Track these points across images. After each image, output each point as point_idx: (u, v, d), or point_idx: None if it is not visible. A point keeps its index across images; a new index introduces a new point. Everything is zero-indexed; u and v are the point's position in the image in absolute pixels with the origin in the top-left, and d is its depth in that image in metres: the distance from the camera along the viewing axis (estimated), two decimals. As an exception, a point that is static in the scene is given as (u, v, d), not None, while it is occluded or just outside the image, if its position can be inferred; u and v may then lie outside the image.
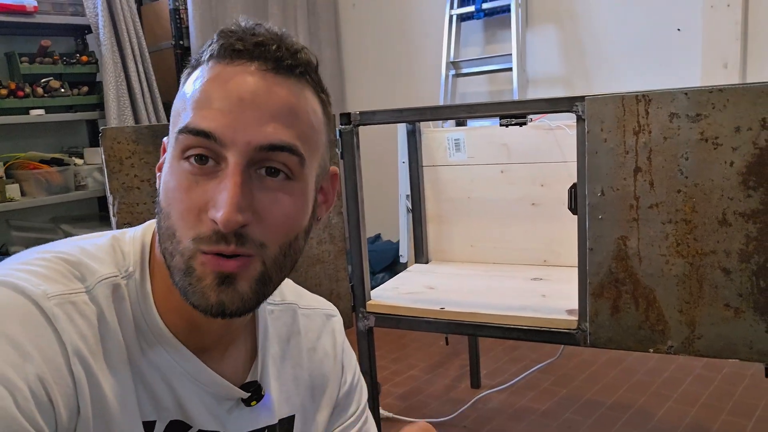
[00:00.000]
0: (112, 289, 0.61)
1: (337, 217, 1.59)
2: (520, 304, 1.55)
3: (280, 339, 0.75)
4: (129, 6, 2.84)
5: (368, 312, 1.63)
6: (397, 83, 3.46)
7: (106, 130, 1.19)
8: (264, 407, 0.71)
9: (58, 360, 0.54)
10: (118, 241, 0.65)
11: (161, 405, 0.63)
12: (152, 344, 0.62)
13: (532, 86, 3.04)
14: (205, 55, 0.60)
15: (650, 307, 1.29)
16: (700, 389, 2.21)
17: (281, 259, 0.60)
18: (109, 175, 1.20)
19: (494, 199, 1.93)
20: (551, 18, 2.96)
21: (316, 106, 0.62)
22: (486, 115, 1.51)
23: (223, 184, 0.56)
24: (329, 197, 0.69)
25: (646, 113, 1.24)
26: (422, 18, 3.33)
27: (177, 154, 0.58)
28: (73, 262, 0.60)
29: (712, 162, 1.20)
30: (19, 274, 0.57)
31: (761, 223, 1.18)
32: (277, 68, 0.59)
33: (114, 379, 0.59)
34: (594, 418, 2.07)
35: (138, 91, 2.85)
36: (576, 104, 1.30)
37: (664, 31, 2.67)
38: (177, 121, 0.59)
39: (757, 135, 1.16)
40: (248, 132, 0.56)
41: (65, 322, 0.56)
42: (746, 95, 1.16)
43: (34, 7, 2.67)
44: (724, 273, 1.22)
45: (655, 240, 1.27)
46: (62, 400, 0.54)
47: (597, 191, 1.30)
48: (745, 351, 1.23)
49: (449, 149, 1.96)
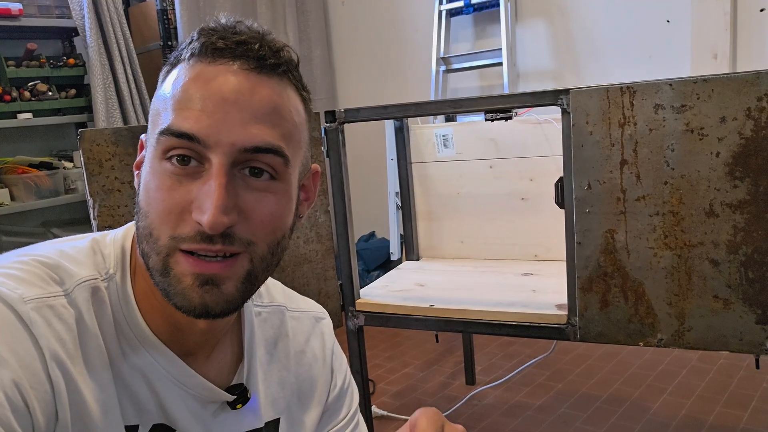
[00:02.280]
0: (91, 292, 0.60)
1: (324, 215, 1.57)
2: (510, 299, 1.54)
3: (267, 342, 0.74)
4: (116, 7, 2.82)
5: (357, 311, 1.62)
6: (387, 80, 3.45)
7: (85, 132, 1.17)
8: (250, 410, 0.70)
9: (35, 365, 0.53)
10: (98, 243, 0.64)
11: (143, 408, 0.62)
12: (135, 347, 0.61)
13: (523, 81, 3.03)
14: (185, 54, 0.59)
15: (639, 300, 1.28)
16: (695, 381, 2.20)
17: (268, 258, 0.60)
18: (89, 178, 1.19)
19: (483, 195, 1.92)
20: (540, 12, 2.95)
21: (298, 105, 0.62)
22: (471, 110, 1.49)
23: (207, 185, 0.55)
24: (311, 195, 0.69)
25: (631, 105, 1.23)
26: (411, 14, 3.32)
27: (158, 154, 0.57)
28: (51, 265, 0.59)
29: (698, 153, 1.19)
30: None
31: (748, 214, 1.17)
32: (260, 67, 0.58)
33: (94, 384, 0.58)
34: (589, 412, 2.06)
35: (126, 92, 2.83)
36: (561, 97, 1.29)
37: (654, 23, 2.66)
38: (157, 121, 0.58)
39: (742, 125, 1.15)
40: (232, 133, 0.55)
41: (42, 327, 0.55)
42: (731, 85, 1.15)
43: (20, 10, 2.65)
44: (712, 264, 1.21)
45: (642, 233, 1.26)
46: (39, 406, 0.53)
47: (584, 185, 1.29)
48: (735, 343, 1.22)
49: (438, 145, 1.94)
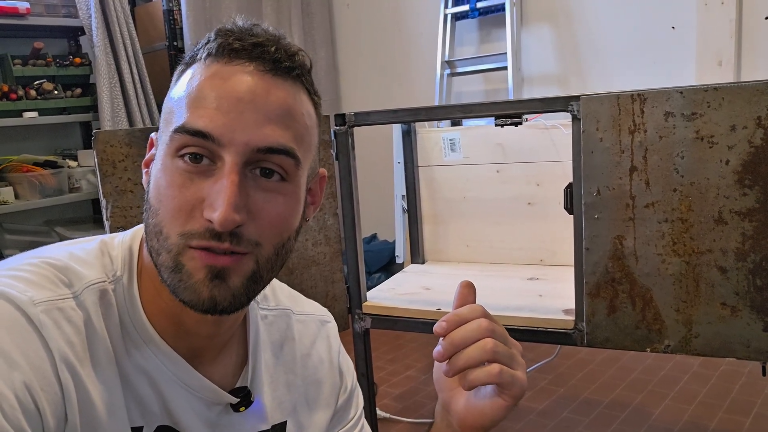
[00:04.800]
0: (99, 295, 0.60)
1: (332, 218, 1.58)
2: (516, 304, 1.54)
3: (273, 345, 0.75)
4: (122, 7, 2.82)
5: (364, 313, 1.62)
6: (392, 83, 3.45)
7: (99, 133, 1.18)
8: (255, 413, 0.71)
9: (45, 367, 0.54)
10: (106, 246, 0.65)
11: (148, 410, 0.62)
12: (140, 348, 0.62)
13: (528, 85, 3.04)
14: (201, 53, 0.60)
15: (647, 306, 1.29)
16: (697, 387, 2.21)
17: (273, 259, 0.60)
18: (102, 179, 1.19)
19: (490, 199, 1.92)
20: (546, 16, 2.96)
21: (310, 108, 0.62)
22: (481, 115, 1.50)
23: (219, 183, 0.55)
24: (317, 199, 0.69)
25: (642, 112, 1.23)
26: (417, 17, 3.32)
27: (171, 152, 0.58)
28: (60, 267, 0.60)
29: (707, 161, 1.20)
30: (6, 280, 0.57)
31: (757, 222, 1.18)
32: (275, 69, 0.58)
33: (102, 386, 0.58)
34: (592, 416, 2.06)
35: (132, 92, 2.84)
36: (571, 104, 1.30)
37: (659, 29, 2.67)
38: (171, 119, 0.59)
39: (752, 133, 1.16)
40: (246, 133, 0.56)
41: (52, 329, 0.55)
42: (741, 93, 1.15)
43: (27, 9, 2.66)
44: (720, 272, 1.22)
45: (651, 239, 1.26)
46: (49, 408, 0.53)
47: (593, 191, 1.30)
48: (742, 350, 1.23)
49: (444, 149, 1.95)
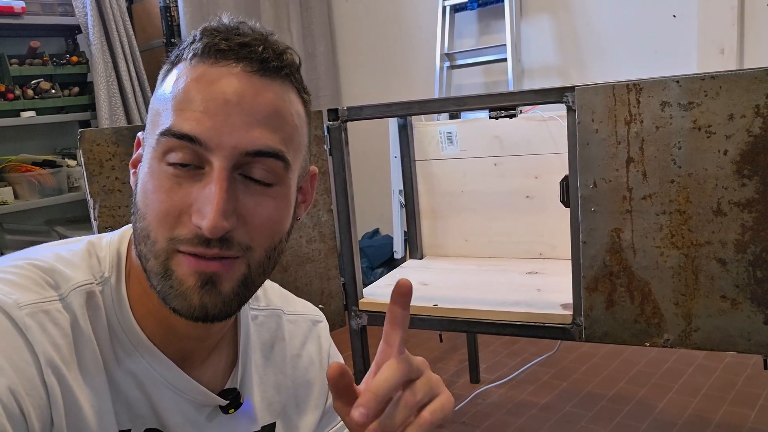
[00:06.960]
0: (86, 297, 0.59)
1: (326, 214, 1.56)
2: (514, 299, 1.53)
3: (263, 345, 0.74)
4: (119, 5, 2.81)
5: (361, 310, 1.61)
6: (391, 76, 3.43)
7: (85, 132, 1.17)
8: (244, 415, 0.70)
9: (30, 371, 0.53)
10: (94, 246, 0.64)
11: (136, 413, 0.61)
12: (128, 351, 0.61)
13: (528, 77, 3.01)
14: (187, 53, 0.58)
15: (645, 300, 1.27)
16: (701, 380, 2.19)
17: (265, 262, 0.59)
18: (89, 178, 1.18)
19: (488, 193, 1.90)
20: (545, 7, 2.93)
21: (299, 108, 0.61)
22: (476, 108, 1.48)
23: (207, 188, 0.54)
24: (308, 197, 0.68)
25: (638, 102, 1.21)
26: (415, 10, 3.30)
27: (158, 155, 0.56)
28: (46, 269, 0.59)
29: (705, 151, 1.18)
30: None
31: (756, 212, 1.15)
32: (263, 70, 0.57)
33: (89, 389, 0.57)
34: (594, 410, 2.05)
35: (129, 90, 2.82)
36: (566, 95, 1.28)
37: (660, 18, 2.63)
38: (157, 121, 0.57)
39: (751, 122, 1.13)
40: (234, 136, 0.55)
41: (38, 332, 0.54)
42: (739, 82, 1.13)
43: (22, 8, 2.64)
44: (720, 264, 1.20)
45: (649, 232, 1.24)
46: (34, 412, 0.52)
47: (589, 183, 1.28)
48: (743, 343, 1.21)
49: (441, 143, 1.93)
